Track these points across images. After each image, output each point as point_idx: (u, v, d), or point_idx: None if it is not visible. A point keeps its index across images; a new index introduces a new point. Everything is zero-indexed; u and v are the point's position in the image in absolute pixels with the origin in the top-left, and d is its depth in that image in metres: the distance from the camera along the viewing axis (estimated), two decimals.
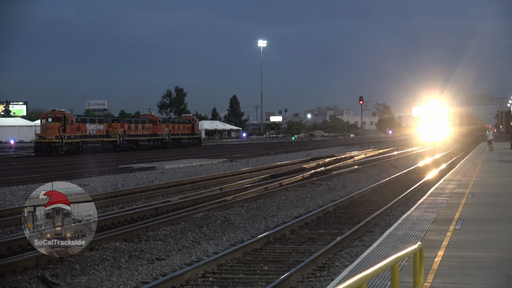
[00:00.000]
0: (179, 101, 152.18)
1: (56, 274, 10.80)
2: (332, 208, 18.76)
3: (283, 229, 14.88)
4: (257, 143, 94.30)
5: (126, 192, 23.34)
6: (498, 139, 77.78)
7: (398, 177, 29.34)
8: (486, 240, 11.31)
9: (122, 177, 29.79)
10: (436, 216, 14.19)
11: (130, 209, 18.23)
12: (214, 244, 13.87)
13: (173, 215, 16.99)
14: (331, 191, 24.35)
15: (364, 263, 9.63)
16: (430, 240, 11.26)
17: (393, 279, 6.53)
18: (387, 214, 17.86)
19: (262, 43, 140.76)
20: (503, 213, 14.72)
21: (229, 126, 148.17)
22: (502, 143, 66.66)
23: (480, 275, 8.65)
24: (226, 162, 42.34)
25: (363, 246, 13.16)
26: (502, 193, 18.80)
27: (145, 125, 71.19)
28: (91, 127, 61.24)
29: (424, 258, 7.52)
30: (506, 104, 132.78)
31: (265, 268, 11.48)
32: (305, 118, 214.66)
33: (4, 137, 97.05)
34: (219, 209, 18.05)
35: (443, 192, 19.16)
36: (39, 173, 33.02)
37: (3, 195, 22.41)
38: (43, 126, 57.83)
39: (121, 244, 12.96)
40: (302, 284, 10.30)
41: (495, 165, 32.44)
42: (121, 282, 10.60)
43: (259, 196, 21.14)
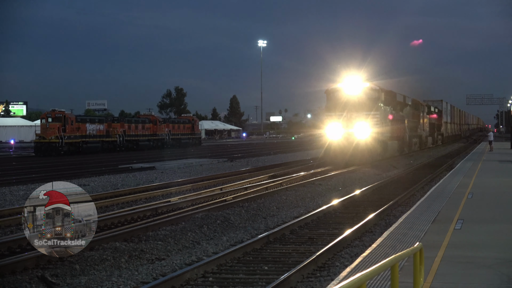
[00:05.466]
0: (179, 101, 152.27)
1: (56, 274, 10.80)
2: (332, 208, 18.76)
3: (283, 229, 14.89)
4: (257, 143, 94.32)
5: (126, 192, 23.34)
6: (498, 139, 77.69)
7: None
8: (486, 240, 11.31)
9: (122, 177, 29.79)
10: (436, 216, 14.20)
11: (130, 209, 18.23)
12: (214, 244, 13.87)
13: (173, 215, 16.99)
14: (331, 191, 24.34)
15: (364, 263, 9.64)
16: (430, 240, 11.26)
17: (393, 279, 6.54)
18: (387, 214, 17.86)
19: (262, 43, 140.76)
20: (503, 213, 14.72)
21: (229, 126, 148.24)
22: (502, 143, 66.64)
23: (480, 275, 8.65)
24: (226, 162, 42.35)
25: (363, 246, 13.16)
26: (502, 193, 18.80)
27: (145, 125, 71.22)
28: (91, 127, 61.27)
29: (424, 258, 7.52)
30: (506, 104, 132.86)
31: (265, 268, 11.48)
32: (305, 118, 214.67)
33: (4, 137, 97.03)
34: (219, 209, 18.05)
35: (443, 192, 19.17)
36: (39, 173, 33.02)
37: (3, 195, 22.41)
38: (43, 126, 57.87)
39: (121, 244, 12.96)
40: (302, 284, 10.30)
41: (495, 165, 32.45)
42: (121, 282, 10.60)
43: (259, 196, 21.13)
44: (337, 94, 35.81)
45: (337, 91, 35.88)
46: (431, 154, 50.37)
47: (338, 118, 34.91)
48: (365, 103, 35.05)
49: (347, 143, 34.63)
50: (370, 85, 35.97)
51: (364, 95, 35.48)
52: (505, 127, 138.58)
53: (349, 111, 34.79)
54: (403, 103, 44.97)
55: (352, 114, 34.79)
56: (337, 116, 34.97)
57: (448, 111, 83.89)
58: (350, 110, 34.80)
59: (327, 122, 35.41)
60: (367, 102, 35.16)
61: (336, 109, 35.10)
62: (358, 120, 34.64)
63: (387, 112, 38.16)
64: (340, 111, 34.89)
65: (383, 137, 37.05)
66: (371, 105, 35.10)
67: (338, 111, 34.93)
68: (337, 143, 34.95)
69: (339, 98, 35.44)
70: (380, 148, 36.47)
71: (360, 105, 34.96)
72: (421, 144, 55.13)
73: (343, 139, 34.80)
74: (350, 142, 34.59)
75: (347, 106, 34.90)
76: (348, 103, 35.01)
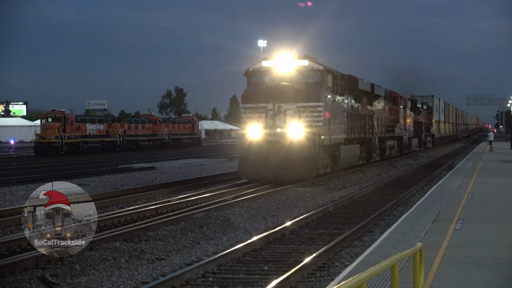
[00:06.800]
0: (179, 101, 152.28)
1: (56, 274, 10.80)
2: (332, 208, 18.77)
3: (283, 229, 14.89)
4: None
5: (126, 192, 23.34)
6: (498, 139, 77.72)
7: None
8: (486, 240, 11.31)
9: (122, 177, 29.80)
10: (436, 216, 14.20)
11: (130, 209, 18.23)
12: (214, 244, 13.87)
13: (173, 215, 16.99)
14: (331, 191, 24.33)
15: (364, 263, 9.64)
16: (430, 240, 11.26)
17: (393, 279, 6.53)
18: (387, 214, 17.86)
19: (262, 43, 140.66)
20: (503, 213, 14.73)
21: (229, 126, 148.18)
22: (502, 143, 66.64)
23: (480, 275, 8.65)
24: (226, 162, 42.35)
25: (363, 246, 13.16)
26: (502, 193, 18.81)
27: (145, 125, 71.24)
28: (91, 127, 61.31)
29: (424, 258, 7.52)
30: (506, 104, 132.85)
31: (265, 268, 11.47)
32: None
33: (4, 137, 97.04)
34: (219, 209, 18.04)
35: (443, 192, 19.17)
36: (39, 173, 33.02)
37: (3, 195, 22.41)
38: (43, 126, 57.92)
39: (121, 244, 12.96)
40: (302, 284, 10.30)
41: (495, 165, 32.46)
42: (121, 282, 10.60)
43: (259, 196, 21.13)
44: (260, 76, 25.58)
45: (261, 73, 25.55)
46: (430, 154, 50.35)
47: (260, 113, 24.62)
48: (302, 90, 24.49)
49: (274, 150, 24.10)
50: (309, 63, 25.08)
51: (301, 77, 25.00)
52: (505, 127, 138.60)
53: (278, 102, 24.44)
54: (371, 94, 33.91)
55: (282, 107, 24.38)
56: (260, 110, 24.66)
57: (441, 108, 73.32)
58: (279, 100, 24.41)
59: (245, 119, 24.96)
60: (305, 88, 24.61)
61: (259, 99, 24.76)
62: (292, 116, 24.30)
63: (340, 104, 27.92)
64: (264, 101, 24.63)
65: (335, 139, 26.61)
66: (313, 93, 24.52)
67: (262, 102, 24.65)
68: (259, 149, 24.36)
69: (263, 83, 25.33)
70: (328, 156, 26.45)
71: (295, 93, 24.42)
72: (402, 148, 45.20)
73: (268, 144, 24.29)
74: (278, 148, 24.08)
75: (276, 95, 24.46)
76: (276, 90, 24.52)
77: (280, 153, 24.00)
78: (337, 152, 27.29)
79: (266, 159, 24.17)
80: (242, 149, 25.00)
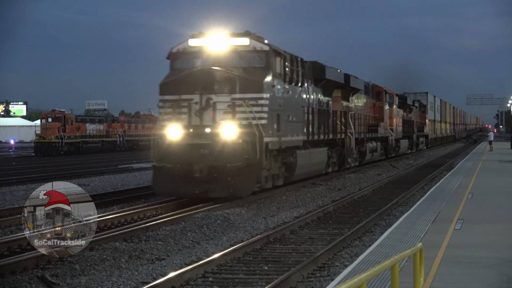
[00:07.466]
0: None
1: (56, 274, 10.79)
2: (332, 208, 18.76)
3: (283, 229, 14.89)
4: None
5: (126, 192, 23.32)
6: (498, 139, 77.72)
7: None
8: (486, 240, 11.32)
9: (122, 177, 29.80)
10: (436, 216, 14.20)
11: (130, 209, 18.22)
12: (214, 244, 13.86)
13: (173, 215, 16.98)
14: (331, 191, 24.33)
15: (364, 263, 9.64)
16: (430, 240, 11.26)
17: (393, 279, 6.53)
18: (387, 214, 17.86)
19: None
20: (503, 213, 14.73)
21: None
22: (502, 143, 66.63)
23: (480, 275, 8.65)
24: None
25: (363, 246, 13.16)
26: (502, 193, 18.82)
27: (145, 125, 71.25)
28: (91, 127, 61.35)
29: (424, 258, 7.52)
30: (506, 104, 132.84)
31: (265, 268, 11.47)
32: None
33: (4, 137, 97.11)
34: (219, 209, 18.03)
35: (443, 192, 19.17)
36: (39, 173, 33.01)
37: (3, 195, 22.41)
38: (43, 126, 57.94)
39: (121, 244, 12.95)
40: (302, 284, 10.30)
41: (495, 165, 32.46)
42: (121, 282, 10.59)
43: (259, 196, 21.12)
44: (187, 59, 19.63)
45: (187, 54, 19.55)
46: (430, 154, 50.40)
47: (183, 107, 18.78)
48: (239, 77, 18.53)
49: (200, 157, 18.18)
50: (251, 42, 19.01)
51: (239, 60, 19.05)
52: (505, 127, 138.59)
53: (206, 93, 18.51)
54: (346, 87, 28.69)
55: (211, 99, 18.49)
56: (183, 104, 18.80)
57: (436, 106, 66.73)
58: (208, 90, 18.50)
59: (163, 116, 19.29)
60: (243, 74, 18.69)
61: (182, 89, 18.82)
62: (225, 112, 18.45)
63: (297, 97, 22.06)
64: (189, 92, 18.71)
65: (288, 142, 20.80)
66: (253, 81, 18.57)
67: (186, 93, 18.75)
68: (180, 156, 18.35)
69: (189, 68, 19.39)
70: (279, 164, 20.66)
71: (230, 81, 18.49)
72: (388, 150, 39.79)
73: (192, 149, 18.36)
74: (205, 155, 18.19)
75: (204, 84, 18.54)
76: (205, 78, 18.55)
77: (208, 161, 18.09)
78: (292, 158, 21.31)
79: (188, 168, 18.11)
80: (157, 155, 18.88)
